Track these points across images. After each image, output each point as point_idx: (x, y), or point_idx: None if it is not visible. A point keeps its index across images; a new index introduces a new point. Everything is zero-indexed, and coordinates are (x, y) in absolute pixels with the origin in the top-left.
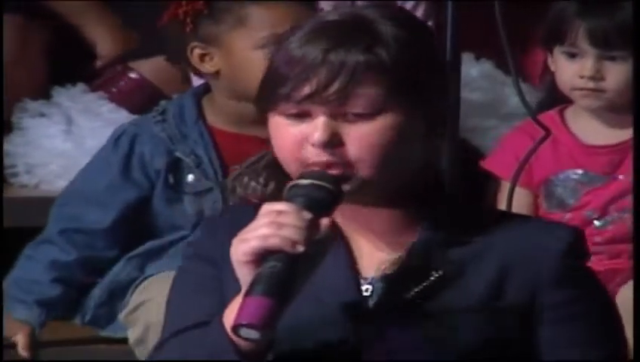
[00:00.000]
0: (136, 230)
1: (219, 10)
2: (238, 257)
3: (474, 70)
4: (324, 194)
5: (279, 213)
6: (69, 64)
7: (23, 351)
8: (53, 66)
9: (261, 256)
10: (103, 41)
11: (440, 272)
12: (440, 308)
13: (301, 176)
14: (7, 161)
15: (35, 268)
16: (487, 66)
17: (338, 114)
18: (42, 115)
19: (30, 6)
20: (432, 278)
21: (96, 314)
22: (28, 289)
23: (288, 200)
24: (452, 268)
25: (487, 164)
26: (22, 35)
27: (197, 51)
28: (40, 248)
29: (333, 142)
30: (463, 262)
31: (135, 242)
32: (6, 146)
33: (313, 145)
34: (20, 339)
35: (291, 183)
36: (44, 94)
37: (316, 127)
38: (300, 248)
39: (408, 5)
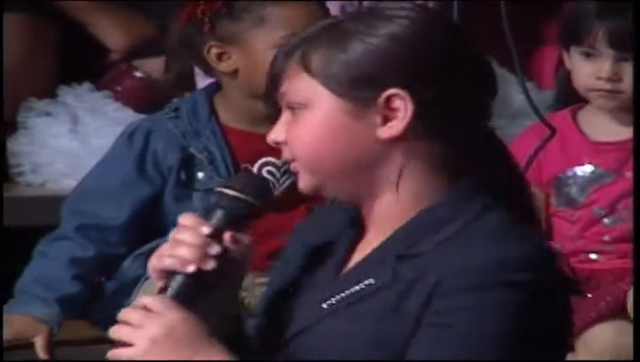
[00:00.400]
0: (146, 227)
1: (238, 9)
2: (150, 274)
3: None
4: (242, 207)
5: (181, 228)
6: (75, 62)
7: (41, 353)
8: (59, 65)
9: (166, 273)
10: (111, 35)
11: (371, 281)
12: (361, 311)
13: (227, 184)
14: (13, 160)
15: (53, 265)
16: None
17: (290, 112)
18: (48, 114)
19: (37, 5)
20: (362, 286)
21: (102, 312)
22: (49, 287)
23: (211, 208)
24: (386, 279)
25: None
26: (30, 35)
27: (214, 50)
28: (56, 245)
29: (281, 140)
30: (403, 274)
31: (145, 239)
32: (12, 145)
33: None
34: (39, 340)
35: (218, 188)
36: (50, 93)
37: None
38: (190, 268)
39: None
